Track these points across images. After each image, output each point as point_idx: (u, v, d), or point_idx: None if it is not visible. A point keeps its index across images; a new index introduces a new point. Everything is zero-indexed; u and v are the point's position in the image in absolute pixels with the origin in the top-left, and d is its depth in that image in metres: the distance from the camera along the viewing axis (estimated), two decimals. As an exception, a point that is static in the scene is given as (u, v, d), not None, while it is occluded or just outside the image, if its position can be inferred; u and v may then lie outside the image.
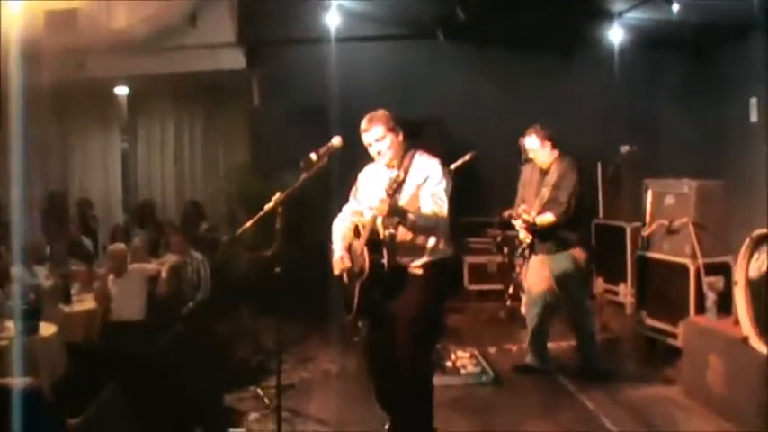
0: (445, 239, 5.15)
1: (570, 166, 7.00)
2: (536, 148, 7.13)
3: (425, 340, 5.20)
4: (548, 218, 6.92)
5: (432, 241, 5.07)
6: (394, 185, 4.82)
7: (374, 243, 5.06)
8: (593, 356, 7.16)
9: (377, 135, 5.17)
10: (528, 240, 7.15)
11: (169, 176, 13.70)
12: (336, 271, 5.32)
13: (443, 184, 5.06)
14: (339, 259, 5.29)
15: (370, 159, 5.34)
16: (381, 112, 5.27)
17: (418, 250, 5.09)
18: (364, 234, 5.11)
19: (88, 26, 9.38)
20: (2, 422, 4.45)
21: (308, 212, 5.41)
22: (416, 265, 5.09)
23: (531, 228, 7.01)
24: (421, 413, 5.26)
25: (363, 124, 5.22)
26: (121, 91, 12.97)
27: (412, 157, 5.20)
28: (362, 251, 5.09)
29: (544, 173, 7.13)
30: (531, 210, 6.99)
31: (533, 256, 7.24)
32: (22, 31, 7.91)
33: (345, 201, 5.57)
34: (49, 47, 8.77)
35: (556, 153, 7.12)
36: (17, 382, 5.33)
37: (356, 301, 5.14)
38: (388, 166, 5.24)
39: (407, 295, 5.08)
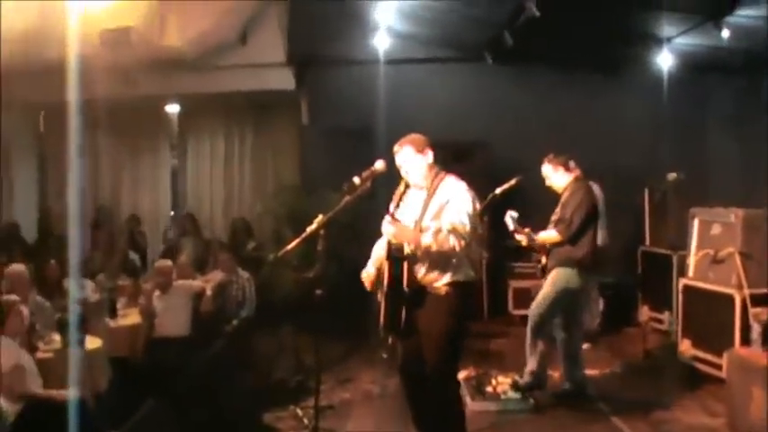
0: (469, 262, 5.18)
1: (578, 187, 7.13)
2: (550, 174, 7.32)
3: (446, 360, 5.20)
4: (550, 235, 7.03)
5: (453, 262, 5.08)
6: (395, 210, 5.03)
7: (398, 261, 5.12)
8: (578, 380, 7.19)
9: (405, 157, 5.27)
10: (543, 261, 7.22)
11: (218, 194, 13.81)
12: (367, 286, 5.36)
13: (466, 207, 5.06)
14: (365, 275, 5.36)
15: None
16: (413, 136, 5.36)
17: (439, 270, 5.11)
18: (384, 253, 5.19)
19: (141, 44, 9.54)
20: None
21: (352, 235, 5.43)
22: (437, 285, 5.12)
23: (536, 245, 7.16)
24: None
25: (395, 147, 5.32)
26: (172, 108, 13.17)
27: (441, 179, 5.24)
28: (384, 269, 5.17)
29: (560, 198, 7.22)
30: None
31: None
32: (79, 49, 8.07)
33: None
34: (103, 64, 8.91)
35: (570, 177, 7.25)
36: (63, 394, 5.44)
37: (381, 317, 5.20)
38: (418, 187, 5.31)
39: (428, 314, 5.12)
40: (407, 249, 5.10)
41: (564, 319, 7.22)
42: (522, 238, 7.17)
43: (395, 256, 5.12)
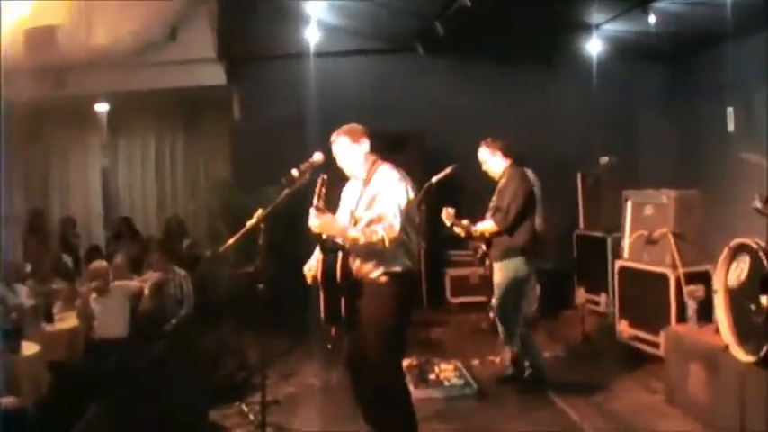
0: (406, 252, 5.15)
1: (515, 175, 7.10)
2: (487, 158, 7.25)
3: (388, 351, 5.18)
4: (487, 225, 7.05)
5: (386, 254, 5.05)
6: (320, 202, 4.97)
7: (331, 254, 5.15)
8: (535, 364, 7.18)
9: (341, 148, 5.30)
10: (482, 249, 7.27)
11: (150, 193, 13.71)
12: (308, 280, 5.35)
13: (398, 197, 5.04)
14: (307, 269, 5.35)
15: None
16: (349, 126, 5.38)
17: (373, 262, 5.10)
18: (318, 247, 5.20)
19: (68, 43, 9.37)
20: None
21: (291, 228, 5.41)
22: (373, 276, 5.12)
23: (472, 234, 7.16)
24: (399, 424, 5.30)
25: (332, 137, 5.34)
26: (101, 107, 12.97)
27: (376, 168, 5.25)
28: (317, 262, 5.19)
29: (497, 182, 7.22)
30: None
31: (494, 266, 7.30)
32: (3, 48, 7.90)
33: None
34: (28, 64, 8.75)
35: (507, 163, 7.21)
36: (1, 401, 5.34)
37: (321, 310, 5.22)
38: (355, 177, 5.36)
39: (367, 305, 5.14)
40: (340, 242, 5.11)
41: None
42: (460, 231, 7.19)
43: (328, 248, 5.13)
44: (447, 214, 7.13)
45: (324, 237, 5.13)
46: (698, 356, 6.10)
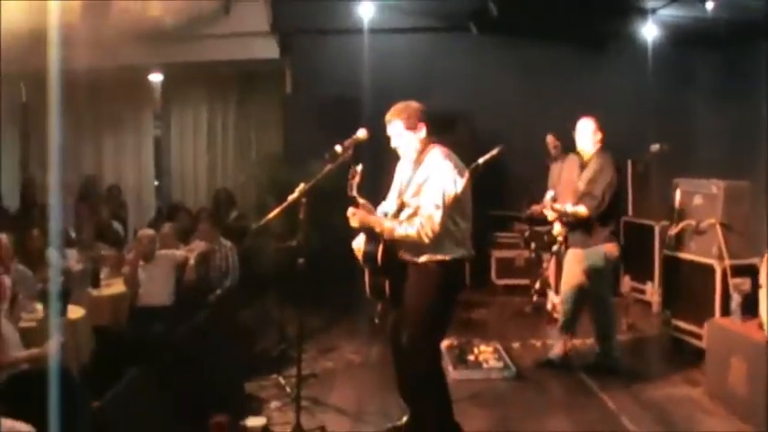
0: (453, 240, 5.11)
1: (608, 162, 7.03)
2: (588, 132, 7.13)
3: (422, 335, 5.15)
4: (581, 210, 6.92)
5: (430, 244, 5.01)
6: (355, 193, 5.02)
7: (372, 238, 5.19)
8: (611, 354, 7.13)
9: (395, 130, 5.23)
10: (562, 236, 7.20)
11: (201, 164, 13.82)
12: (357, 256, 5.35)
13: (444, 187, 4.98)
14: (356, 246, 5.33)
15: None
16: (403, 106, 5.27)
17: (416, 251, 5.09)
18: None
19: (123, 13, 9.46)
20: (30, 403, 4.54)
21: (334, 203, 5.42)
22: (418, 262, 5.11)
23: (564, 219, 7.07)
24: (433, 406, 5.30)
25: (387, 116, 5.27)
26: (155, 78, 13.11)
27: (428, 153, 5.18)
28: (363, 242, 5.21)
29: (583, 165, 7.15)
30: (563, 203, 7.03)
31: (568, 251, 7.26)
32: (59, 18, 7.99)
33: (373, 191, 5.56)
34: (84, 34, 8.84)
35: (599, 146, 7.14)
36: (44, 351, 5.45)
37: (366, 285, 5.28)
38: (407, 159, 5.30)
39: (410, 287, 5.14)
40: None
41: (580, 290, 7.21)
42: (551, 214, 7.15)
43: (369, 234, 5.16)
44: (549, 196, 7.25)
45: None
46: (740, 350, 6.03)
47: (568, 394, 6.68)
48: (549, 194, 7.31)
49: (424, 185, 5.04)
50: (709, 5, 8.64)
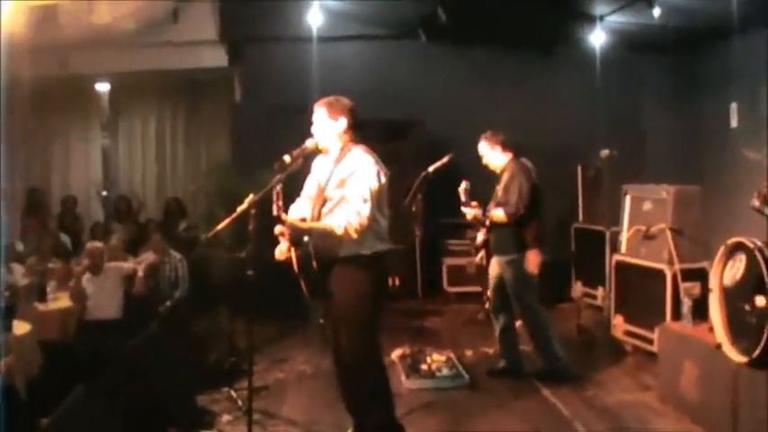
0: (375, 234, 5.14)
1: (519, 169, 7.06)
2: (487, 152, 7.24)
3: (357, 327, 5.18)
4: (498, 214, 6.99)
5: (354, 239, 5.03)
6: (280, 212, 4.97)
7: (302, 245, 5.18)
8: (557, 357, 7.13)
9: (318, 118, 5.31)
10: (484, 240, 7.31)
11: (150, 173, 13.68)
12: (278, 256, 5.35)
13: (369, 180, 5.03)
14: (278, 249, 5.33)
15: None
16: (333, 98, 5.36)
17: (341, 244, 5.09)
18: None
19: (70, 22, 9.33)
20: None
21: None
22: (342, 257, 5.10)
23: (486, 223, 7.14)
24: (373, 412, 5.30)
25: (315, 104, 5.35)
26: (103, 87, 12.96)
27: (350, 149, 5.22)
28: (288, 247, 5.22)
29: (498, 176, 7.22)
30: None
31: (492, 259, 7.30)
32: (4, 27, 7.86)
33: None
34: (30, 43, 8.71)
35: (508, 156, 7.19)
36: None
37: (304, 288, 5.28)
38: (325, 152, 5.34)
39: (336, 283, 5.15)
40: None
41: (506, 299, 7.21)
42: (470, 212, 7.14)
43: (298, 242, 5.14)
44: (464, 190, 7.20)
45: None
46: (691, 354, 6.07)
47: (522, 401, 6.65)
48: (462, 186, 7.30)
49: (348, 179, 5.08)
50: (657, 12, 8.72)
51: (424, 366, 7.41)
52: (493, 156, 7.21)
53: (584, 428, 5.94)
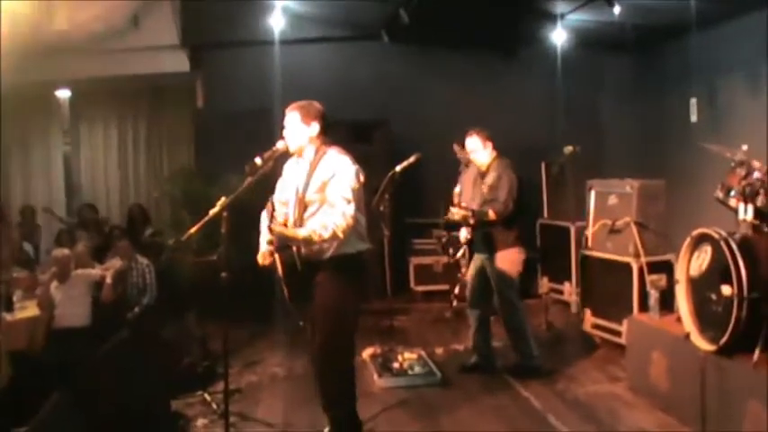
0: (356, 234, 5.18)
1: (508, 167, 7.09)
2: (477, 148, 7.22)
3: (338, 327, 5.20)
4: (489, 215, 6.98)
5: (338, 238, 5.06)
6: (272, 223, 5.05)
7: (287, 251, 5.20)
8: (531, 355, 7.20)
9: (290, 122, 5.30)
10: (467, 238, 7.26)
11: (113, 180, 13.55)
12: (260, 261, 5.36)
13: (350, 181, 5.07)
14: (261, 254, 5.33)
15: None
16: (305, 102, 5.37)
17: (325, 246, 5.11)
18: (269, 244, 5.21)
19: (28, 28, 9.24)
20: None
21: (254, 216, 5.38)
22: (325, 258, 5.13)
23: (470, 220, 7.09)
24: (341, 405, 5.35)
25: (287, 108, 5.35)
26: (63, 94, 12.85)
27: (324, 152, 5.23)
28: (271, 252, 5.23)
29: (483, 174, 7.21)
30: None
31: (475, 255, 7.33)
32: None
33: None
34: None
35: (494, 154, 7.21)
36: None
37: (285, 292, 5.29)
38: (299, 156, 5.34)
39: (318, 284, 5.17)
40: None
41: (485, 295, 7.25)
42: (459, 213, 7.13)
43: (282, 246, 5.15)
44: (458, 193, 7.32)
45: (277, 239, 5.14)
46: (659, 345, 6.15)
47: (494, 397, 6.69)
48: (457, 189, 7.38)
49: (330, 181, 5.09)
50: (617, 10, 8.83)
51: (395, 365, 7.44)
52: (482, 152, 7.21)
53: (557, 421, 6.01)
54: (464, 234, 7.34)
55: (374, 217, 7.57)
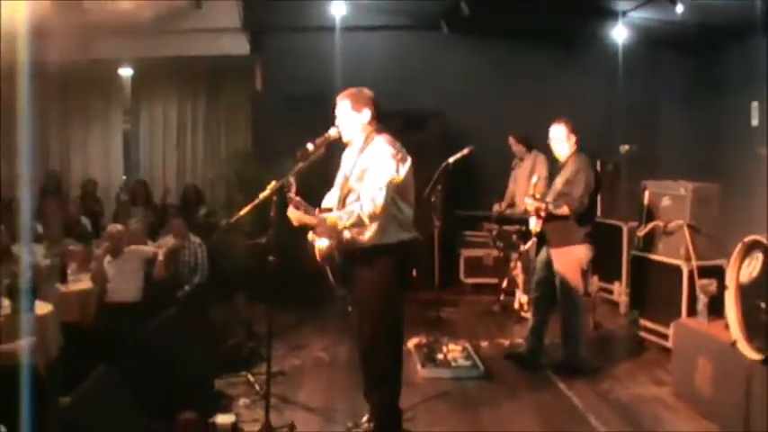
0: (398, 223, 5.15)
1: (587, 163, 7.07)
2: (562, 137, 7.17)
3: (381, 320, 5.20)
4: (563, 209, 6.95)
5: (374, 227, 5.05)
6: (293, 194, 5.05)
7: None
8: (578, 354, 7.15)
9: (341, 111, 5.31)
10: (537, 230, 7.22)
11: (170, 159, 13.75)
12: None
13: (387, 171, 5.02)
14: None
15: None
16: (355, 89, 5.37)
17: (364, 233, 5.11)
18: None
19: (94, 7, 9.39)
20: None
21: (306, 201, 5.41)
22: (366, 247, 5.12)
23: (542, 213, 7.05)
24: (379, 391, 5.33)
25: (338, 97, 5.35)
26: (125, 72, 13.05)
27: (371, 139, 5.22)
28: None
29: (560, 168, 7.22)
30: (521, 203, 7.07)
31: (542, 250, 7.32)
32: (29, 11, 7.93)
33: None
34: (54, 27, 8.77)
35: (575, 148, 7.17)
36: (13, 347, 5.41)
37: (331, 277, 5.34)
38: (350, 144, 5.35)
39: (359, 273, 5.18)
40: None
41: (550, 292, 7.24)
42: (533, 204, 7.12)
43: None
44: (534, 184, 7.27)
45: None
46: (706, 351, 6.08)
47: (536, 393, 6.68)
48: (534, 178, 7.33)
49: (368, 170, 5.07)
50: (679, 8, 8.72)
51: (439, 356, 7.46)
52: (564, 143, 7.17)
53: (598, 422, 5.97)
54: (533, 225, 7.28)
55: (425, 208, 7.59)
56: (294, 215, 5.09)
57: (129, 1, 9.77)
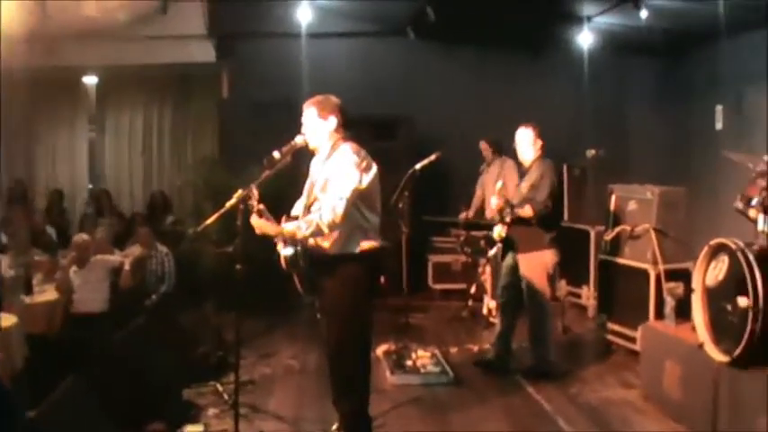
0: (362, 232, 5.07)
1: (551, 168, 7.09)
2: (528, 141, 7.17)
3: (347, 329, 5.12)
4: (526, 211, 6.95)
5: (335, 236, 4.99)
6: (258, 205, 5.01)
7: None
8: (547, 358, 7.17)
9: (307, 118, 5.24)
10: (502, 236, 7.22)
11: (137, 167, 13.69)
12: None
13: (349, 179, 4.93)
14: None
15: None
16: (322, 97, 5.30)
17: (326, 244, 5.05)
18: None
19: (58, 14, 9.30)
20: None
21: (272, 210, 5.38)
22: (331, 255, 5.06)
23: (507, 216, 7.07)
24: (348, 399, 5.25)
25: (304, 105, 5.28)
26: (90, 80, 12.94)
27: (336, 148, 5.14)
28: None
29: (523, 173, 7.24)
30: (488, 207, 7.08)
31: (507, 255, 7.33)
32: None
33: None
34: (17, 32, 8.68)
35: (540, 153, 7.18)
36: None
37: (298, 285, 5.28)
38: (317, 152, 5.28)
39: (325, 282, 5.11)
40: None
41: (517, 297, 7.25)
42: (497, 203, 7.13)
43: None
44: (498, 190, 7.21)
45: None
46: (673, 354, 6.12)
47: (506, 398, 6.69)
48: (499, 184, 7.32)
49: (330, 179, 5.00)
50: (644, 14, 8.78)
51: (408, 362, 7.45)
52: (529, 148, 7.19)
53: (567, 425, 5.99)
54: (498, 231, 7.29)
55: (392, 214, 7.57)
56: (256, 223, 5.05)
57: (94, 6, 9.68)
